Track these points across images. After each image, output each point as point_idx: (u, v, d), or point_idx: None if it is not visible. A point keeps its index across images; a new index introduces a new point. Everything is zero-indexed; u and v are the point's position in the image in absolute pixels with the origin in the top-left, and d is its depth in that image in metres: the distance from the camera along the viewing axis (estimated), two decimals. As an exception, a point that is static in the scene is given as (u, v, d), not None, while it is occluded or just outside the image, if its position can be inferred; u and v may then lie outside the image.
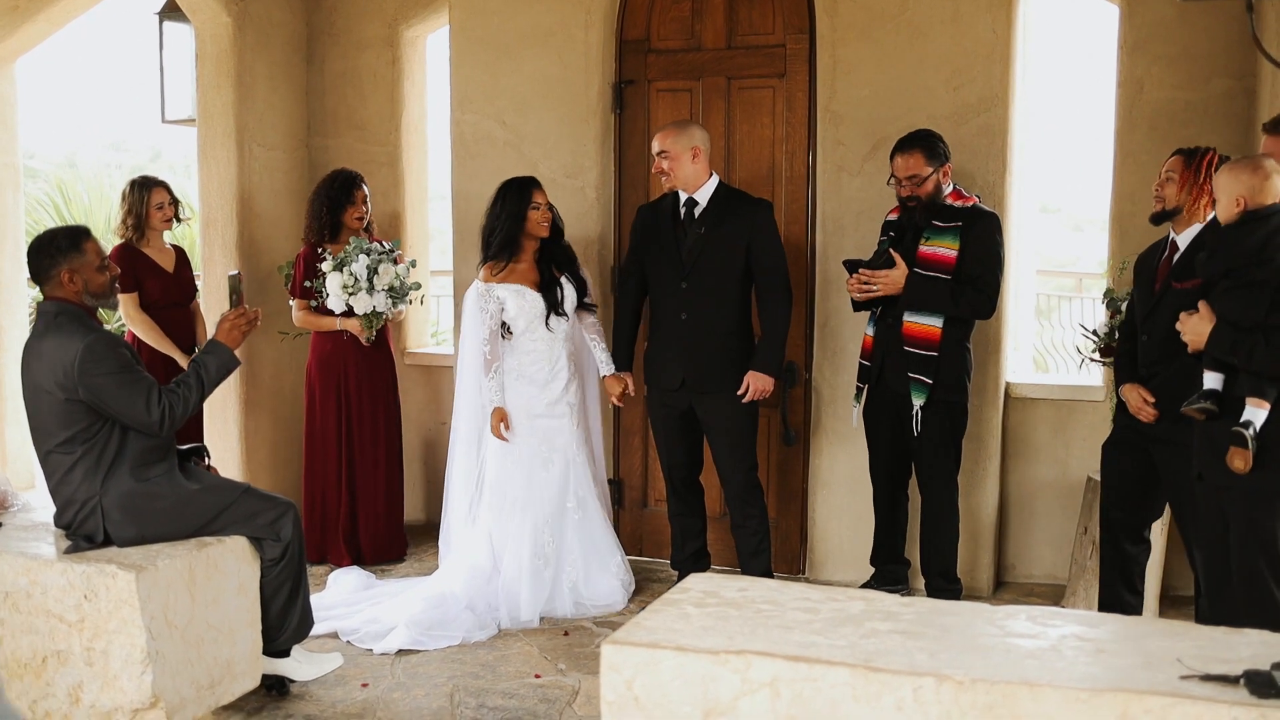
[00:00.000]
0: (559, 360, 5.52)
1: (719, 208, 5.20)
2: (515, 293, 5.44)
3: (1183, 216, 4.40)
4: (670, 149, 5.15)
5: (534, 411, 5.51)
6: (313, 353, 6.20)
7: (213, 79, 6.59)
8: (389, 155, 6.96)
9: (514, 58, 6.13)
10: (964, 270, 5.01)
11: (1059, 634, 3.01)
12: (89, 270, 4.13)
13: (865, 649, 2.92)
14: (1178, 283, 4.32)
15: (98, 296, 4.17)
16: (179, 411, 4.10)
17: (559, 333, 5.51)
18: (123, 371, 4.03)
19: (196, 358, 4.28)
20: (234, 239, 6.62)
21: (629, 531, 6.10)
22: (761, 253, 5.16)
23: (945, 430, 5.15)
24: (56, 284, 4.12)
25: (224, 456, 6.62)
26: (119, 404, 4.02)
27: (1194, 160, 4.38)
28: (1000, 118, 5.45)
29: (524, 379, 5.51)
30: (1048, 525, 5.77)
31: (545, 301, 5.45)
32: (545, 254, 5.51)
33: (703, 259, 5.18)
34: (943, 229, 5.05)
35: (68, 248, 4.12)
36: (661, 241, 5.26)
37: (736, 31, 5.83)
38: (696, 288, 5.19)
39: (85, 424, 4.05)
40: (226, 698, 4.17)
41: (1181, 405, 4.03)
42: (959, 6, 5.45)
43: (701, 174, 5.22)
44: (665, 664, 2.95)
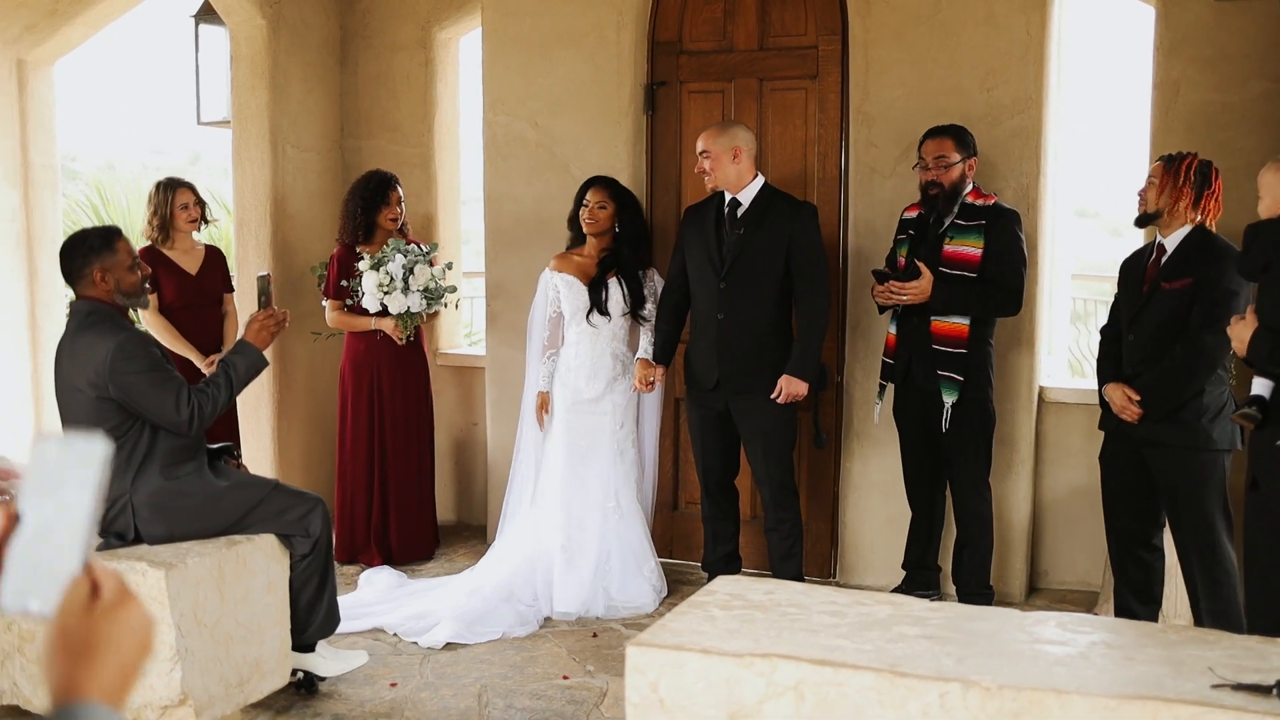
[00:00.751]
0: (601, 358, 5.60)
1: (761, 209, 5.17)
2: (567, 283, 5.62)
3: (1166, 220, 4.48)
4: (711, 149, 5.14)
5: (572, 405, 5.60)
6: (346, 353, 6.22)
7: (247, 81, 6.63)
8: (422, 157, 6.98)
9: (546, 59, 6.14)
10: (987, 269, 5.00)
11: (1088, 641, 2.98)
12: (121, 269, 4.16)
13: (892, 653, 2.89)
14: (1167, 283, 4.43)
15: (129, 295, 4.21)
16: (208, 411, 4.13)
17: (602, 330, 5.60)
18: (153, 370, 4.06)
19: (225, 358, 4.31)
20: (268, 240, 6.66)
21: (659, 534, 6.09)
22: (801, 255, 5.12)
23: (975, 428, 5.13)
24: (89, 283, 4.14)
25: (257, 456, 6.67)
26: (148, 402, 4.06)
27: (1174, 165, 4.47)
28: (1034, 119, 5.40)
29: (564, 371, 5.64)
30: (1081, 531, 5.72)
31: (589, 297, 5.57)
32: (612, 254, 5.62)
33: (741, 260, 5.15)
34: (967, 228, 5.04)
35: (100, 247, 4.15)
36: (703, 241, 5.25)
37: (769, 33, 5.82)
38: (734, 288, 5.17)
39: (116, 422, 4.08)
40: (255, 696, 4.19)
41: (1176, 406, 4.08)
42: (993, 7, 5.41)
43: (745, 175, 5.19)
44: (690, 666, 2.94)
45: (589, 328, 5.60)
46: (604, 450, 5.61)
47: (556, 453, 5.63)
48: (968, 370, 5.05)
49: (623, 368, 5.65)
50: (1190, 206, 4.42)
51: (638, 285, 5.63)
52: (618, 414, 5.63)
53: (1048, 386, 5.74)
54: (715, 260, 5.20)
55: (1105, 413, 4.67)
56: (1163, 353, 4.44)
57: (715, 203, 5.29)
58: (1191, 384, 4.40)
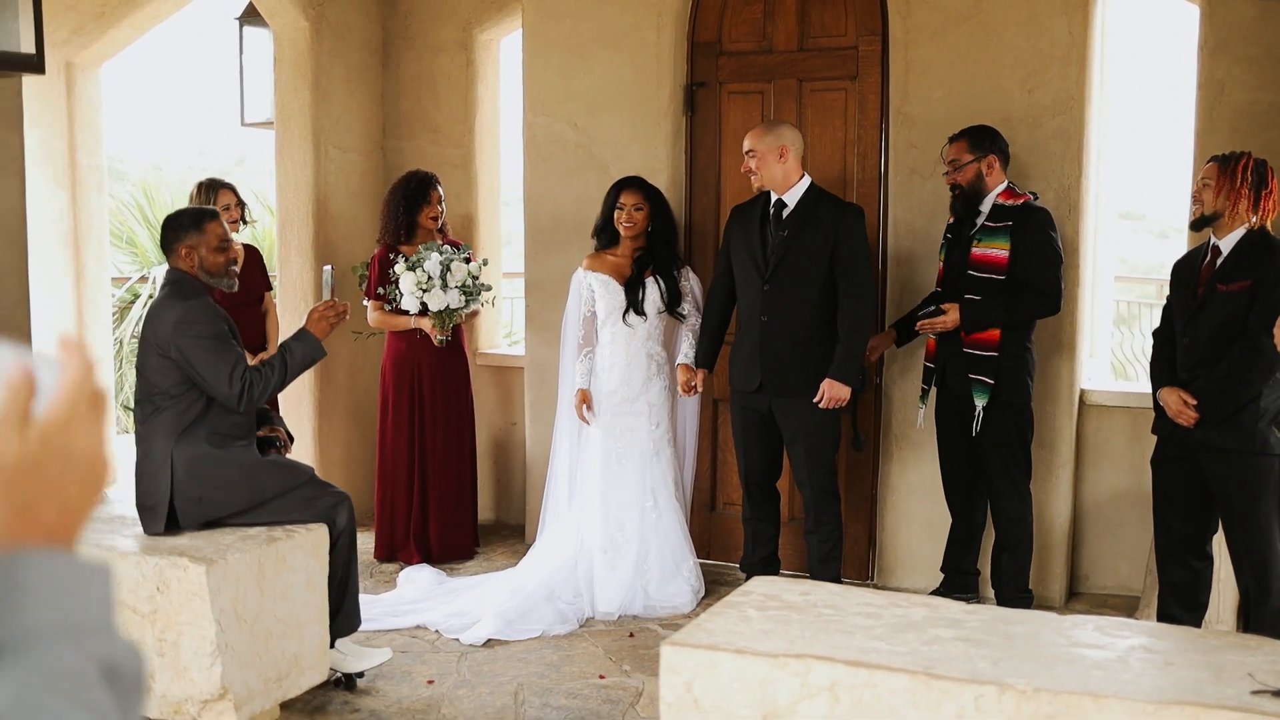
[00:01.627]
0: (636, 358, 5.61)
1: (806, 210, 5.13)
2: (602, 283, 5.63)
3: (1223, 221, 4.40)
4: (757, 148, 5.11)
5: (607, 405, 5.62)
6: (388, 353, 6.26)
7: (290, 82, 6.70)
8: (462, 157, 7.02)
9: (586, 60, 6.15)
10: (1017, 270, 4.97)
11: (1127, 645, 2.96)
12: (206, 249, 4.36)
13: (927, 655, 2.89)
14: (1223, 285, 4.36)
15: (212, 275, 4.40)
16: (258, 390, 4.25)
17: (638, 330, 5.61)
18: (214, 339, 4.22)
19: (285, 343, 4.45)
20: (310, 240, 6.72)
21: (698, 534, 6.08)
22: (846, 258, 5.07)
23: (1010, 433, 5.10)
24: (177, 256, 4.38)
25: (298, 454, 6.67)
26: (203, 369, 4.20)
27: (1229, 165, 4.39)
28: (1076, 120, 5.36)
29: (599, 371, 5.66)
30: (1123, 536, 5.67)
31: (625, 297, 5.59)
32: (647, 253, 5.64)
33: (785, 261, 5.12)
34: (994, 229, 5.02)
35: (190, 225, 4.38)
36: (748, 242, 5.22)
37: (809, 34, 5.80)
38: (778, 290, 5.13)
39: (175, 382, 4.25)
40: (293, 691, 4.23)
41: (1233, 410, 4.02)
42: (1034, 7, 5.37)
43: (791, 175, 5.15)
44: (724, 666, 2.95)
45: (624, 327, 5.61)
46: (640, 450, 5.62)
47: (593, 453, 5.65)
48: (999, 373, 5.01)
49: (658, 367, 5.66)
50: (1250, 208, 4.34)
51: (674, 283, 5.63)
52: (654, 413, 5.64)
53: (1089, 389, 5.70)
54: (759, 262, 5.17)
55: (1159, 417, 4.59)
56: (1219, 356, 4.35)
57: (761, 203, 5.26)
58: (1249, 387, 4.33)
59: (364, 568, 6.10)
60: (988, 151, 5.06)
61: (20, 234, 5.18)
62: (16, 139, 5.13)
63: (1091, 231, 5.74)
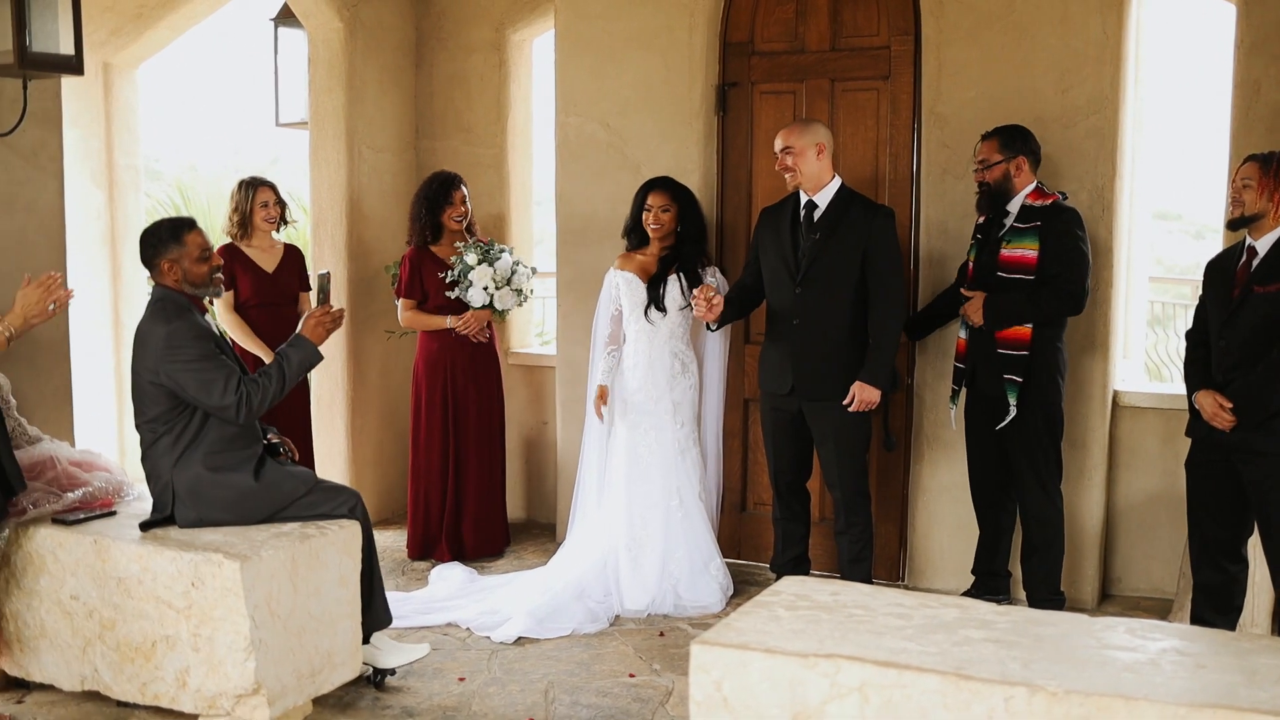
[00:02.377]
0: (660, 354, 5.64)
1: (837, 212, 5.12)
2: (628, 280, 5.69)
3: (1264, 222, 4.36)
4: (795, 144, 5.10)
5: (630, 401, 5.66)
6: (420, 352, 6.29)
7: (324, 83, 6.74)
8: (494, 158, 7.05)
9: (618, 61, 6.17)
10: (1045, 270, 4.96)
11: (1158, 647, 2.95)
12: (188, 261, 4.35)
13: (957, 656, 2.88)
14: (1260, 286, 4.30)
15: (197, 286, 4.39)
16: (256, 400, 4.25)
17: (660, 327, 5.64)
18: (201, 360, 4.21)
19: (281, 350, 4.43)
20: (343, 239, 6.76)
21: (728, 534, 6.09)
22: (877, 260, 5.06)
23: (1041, 432, 5.08)
24: (160, 272, 4.38)
25: (330, 453, 6.77)
26: (196, 391, 4.22)
27: (1271, 165, 4.35)
28: (1110, 120, 5.33)
29: (623, 368, 5.71)
30: (1156, 538, 5.63)
31: (647, 293, 5.63)
32: (673, 252, 5.69)
33: (817, 264, 5.11)
34: (1023, 230, 5.02)
35: (168, 239, 4.37)
36: (778, 244, 5.22)
37: (841, 33, 5.79)
38: (810, 293, 5.13)
39: (166, 407, 4.28)
40: (326, 687, 4.26)
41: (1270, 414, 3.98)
42: (1068, 7, 5.34)
43: (824, 174, 5.15)
44: (754, 666, 2.95)
45: (647, 325, 5.64)
46: (665, 448, 5.63)
47: (619, 451, 5.67)
48: (1030, 372, 5.01)
49: (682, 366, 5.68)
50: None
51: (697, 281, 5.60)
52: (679, 412, 5.65)
53: (1122, 391, 5.66)
54: (791, 265, 5.17)
55: (1194, 419, 4.55)
56: (1256, 358, 4.30)
57: (791, 205, 5.25)
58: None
59: (397, 565, 6.16)
60: (1018, 153, 5.05)
61: (59, 233, 5.23)
62: (55, 139, 5.19)
63: (1125, 232, 5.71)
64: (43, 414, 4.99)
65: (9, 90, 4.93)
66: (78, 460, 4.71)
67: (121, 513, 4.47)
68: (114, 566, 4.14)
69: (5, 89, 4.93)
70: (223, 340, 4.45)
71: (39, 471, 4.54)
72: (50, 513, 4.40)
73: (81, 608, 4.22)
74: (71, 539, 4.24)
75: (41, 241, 5.14)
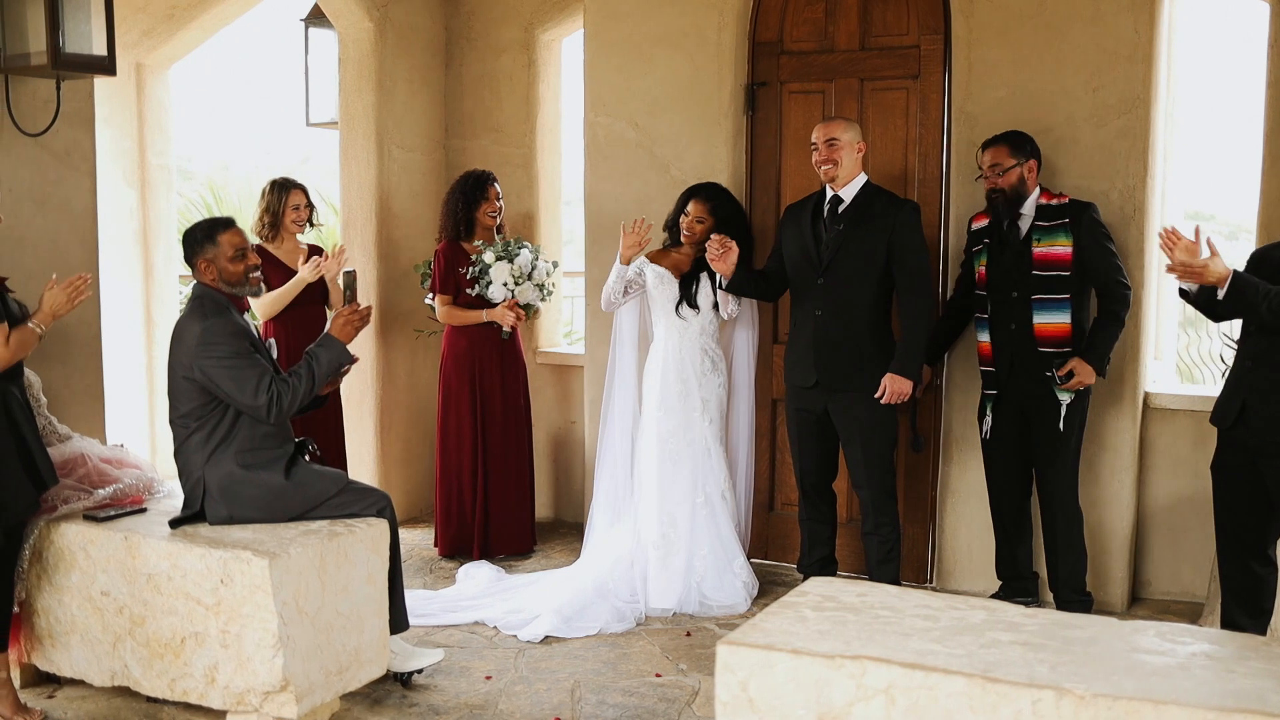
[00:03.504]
0: (690, 351, 5.64)
1: (862, 206, 5.14)
2: (658, 275, 5.70)
3: None
4: (841, 137, 5.13)
5: (660, 398, 5.64)
6: (448, 350, 6.31)
7: (354, 83, 6.77)
8: (523, 157, 7.06)
9: (646, 60, 6.17)
10: (1084, 265, 5.01)
11: (1188, 651, 2.92)
12: (222, 260, 4.40)
13: (984, 659, 2.87)
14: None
15: (232, 285, 4.44)
16: (287, 400, 4.29)
17: (691, 324, 5.64)
18: (234, 357, 4.25)
19: (310, 350, 4.45)
20: (373, 239, 6.79)
21: (756, 534, 6.08)
22: (903, 253, 5.08)
23: (1075, 429, 5.11)
24: (198, 271, 4.44)
25: (360, 451, 6.80)
26: (229, 388, 4.25)
27: None
28: (1141, 120, 5.29)
29: (653, 365, 5.69)
30: (1187, 541, 5.58)
31: (679, 290, 5.66)
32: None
33: (840, 257, 5.13)
34: (1051, 228, 5.05)
35: (204, 238, 4.43)
36: (802, 238, 5.24)
37: (870, 33, 5.78)
38: (833, 286, 5.14)
39: (199, 403, 4.31)
40: (353, 684, 4.27)
41: None
42: (1100, 6, 5.31)
43: (856, 170, 5.19)
44: (780, 667, 2.94)
45: (678, 321, 5.65)
46: (693, 446, 5.62)
47: (648, 449, 5.66)
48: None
49: (712, 363, 5.68)
50: None
51: None
52: (708, 409, 5.64)
53: (1153, 392, 5.62)
54: (813, 256, 5.18)
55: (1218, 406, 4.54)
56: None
57: (814, 199, 5.29)
58: None
59: (425, 563, 6.18)
60: (1029, 156, 5.10)
61: (91, 233, 5.28)
62: (88, 139, 5.23)
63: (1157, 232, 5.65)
64: (74, 412, 5.03)
65: (43, 91, 4.98)
66: (108, 457, 4.75)
67: (152, 510, 4.50)
68: (144, 563, 4.17)
69: (39, 90, 4.97)
70: (259, 340, 4.48)
71: (70, 468, 4.57)
72: (81, 509, 4.44)
73: (112, 604, 4.25)
74: (102, 535, 4.27)
75: (74, 240, 5.18)
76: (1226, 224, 20.10)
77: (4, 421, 4.07)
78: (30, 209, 4.97)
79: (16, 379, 4.21)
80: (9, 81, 4.85)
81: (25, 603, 4.41)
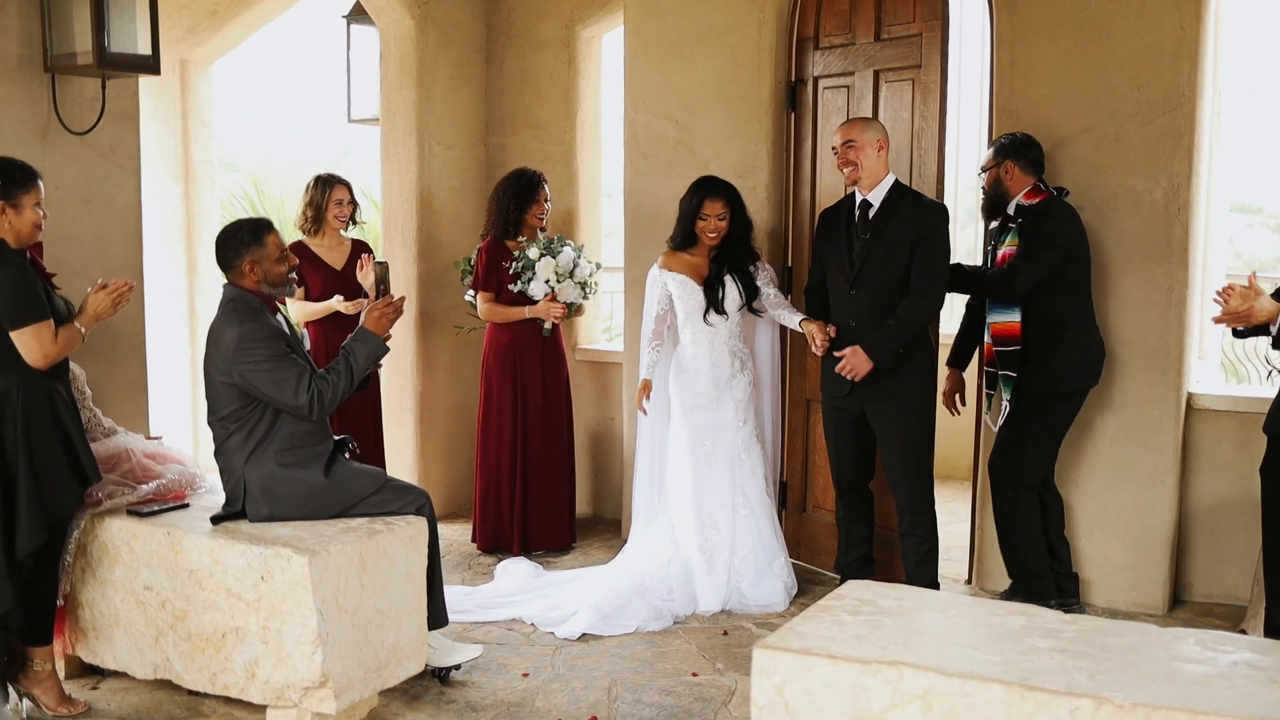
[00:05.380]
0: (720, 355, 5.59)
1: (890, 210, 5.09)
2: (679, 283, 5.60)
3: None
4: (858, 139, 5.07)
5: (692, 403, 5.60)
6: (489, 346, 6.33)
7: (396, 80, 6.80)
8: (563, 153, 7.07)
9: (687, 58, 6.15)
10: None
11: (1229, 660, 2.90)
12: (269, 261, 4.40)
13: (1023, 666, 2.86)
14: None
15: (276, 286, 4.45)
16: (328, 397, 4.32)
17: (720, 328, 5.58)
18: (272, 360, 4.27)
19: (346, 344, 4.47)
20: (413, 235, 6.82)
21: (790, 534, 6.07)
22: (922, 254, 5.03)
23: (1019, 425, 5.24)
24: (239, 273, 4.41)
25: (399, 446, 6.84)
26: (269, 390, 4.28)
27: None
28: (1187, 117, 5.22)
29: (682, 371, 5.63)
30: (1230, 543, 5.53)
31: (705, 297, 5.56)
32: (722, 251, 5.59)
33: (869, 265, 5.10)
34: (1012, 229, 5.18)
35: (250, 240, 4.41)
36: (835, 246, 5.21)
37: (883, 23, 5.60)
38: (864, 293, 5.12)
39: (238, 405, 4.34)
40: (392, 680, 4.30)
41: None
42: (1145, 2, 5.24)
43: (881, 170, 5.12)
44: (816, 671, 2.95)
45: (706, 327, 5.58)
46: (728, 447, 5.59)
47: (681, 454, 5.63)
48: (1024, 366, 5.12)
49: (741, 364, 5.63)
50: None
51: (750, 279, 5.58)
52: (740, 410, 5.60)
53: (1197, 393, 5.56)
54: (845, 267, 5.16)
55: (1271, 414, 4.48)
56: None
57: (847, 206, 5.25)
58: None
59: (463, 559, 6.21)
60: (1006, 157, 5.17)
61: (136, 230, 5.34)
62: (133, 137, 5.29)
63: (1203, 228, 5.60)
64: (119, 406, 5.09)
65: (88, 90, 5.04)
66: (151, 452, 4.80)
67: (194, 505, 4.55)
68: (186, 559, 4.22)
69: (84, 88, 5.03)
70: (294, 339, 4.50)
71: (115, 463, 4.63)
72: (125, 504, 4.49)
73: (154, 598, 4.30)
74: (145, 531, 4.32)
75: (119, 237, 5.24)
76: (1274, 217, 19.83)
77: (49, 419, 4.13)
78: (76, 206, 5.03)
79: (62, 375, 4.26)
80: (55, 81, 4.91)
81: (70, 596, 4.48)
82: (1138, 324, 5.36)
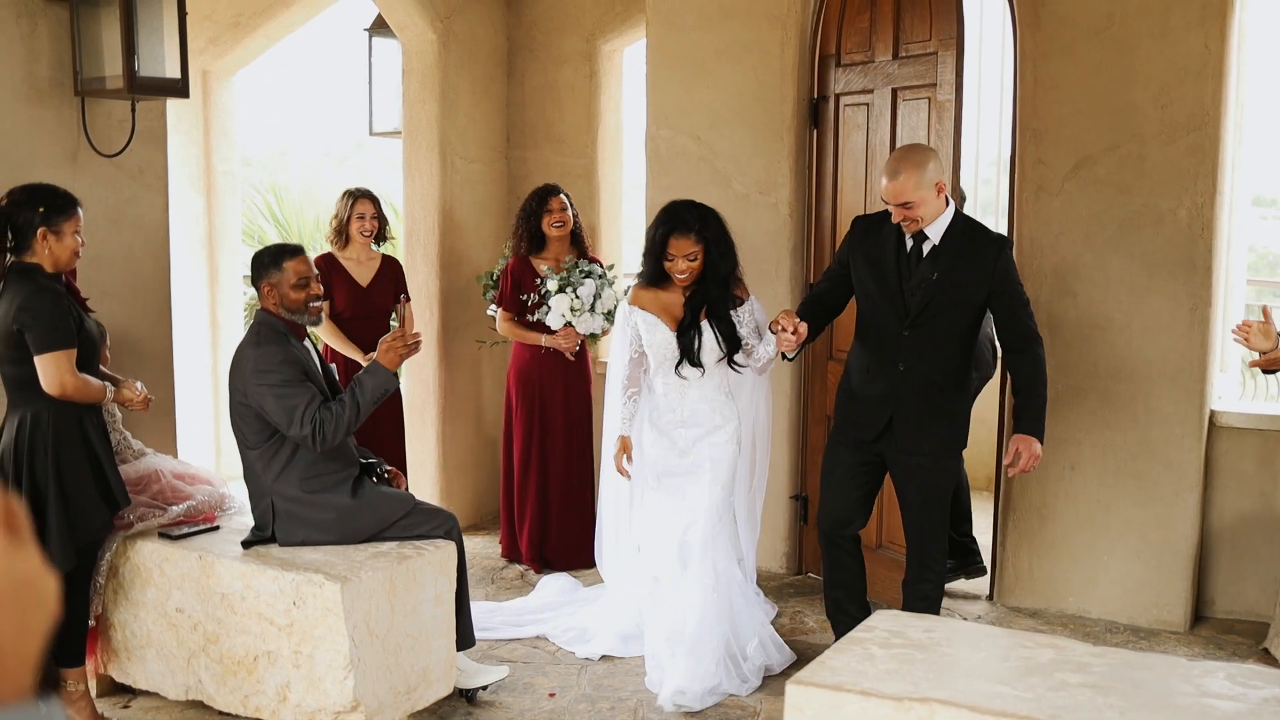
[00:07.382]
0: (694, 411, 4.88)
1: (954, 246, 4.39)
2: (650, 325, 4.86)
3: None
4: (914, 197, 4.28)
5: (664, 468, 4.92)
6: (514, 362, 6.35)
7: (418, 93, 6.83)
8: (585, 168, 7.09)
9: (709, 74, 6.17)
10: None
11: (1260, 696, 2.91)
12: (284, 287, 4.43)
13: (1053, 702, 2.87)
14: None
15: (292, 312, 4.46)
16: (330, 428, 4.28)
17: (693, 381, 4.85)
18: (283, 385, 4.28)
19: (356, 377, 4.45)
20: (435, 249, 6.85)
21: (811, 550, 6.09)
22: (1008, 300, 4.41)
23: None
24: (261, 295, 4.50)
25: (422, 460, 6.87)
26: (274, 414, 4.30)
27: None
28: (1211, 137, 5.23)
29: (653, 426, 4.95)
30: (1252, 560, 5.54)
31: (679, 345, 4.83)
32: (700, 293, 4.81)
33: (932, 307, 4.40)
34: None
35: (270, 263, 4.47)
36: (880, 275, 4.48)
37: (901, 40, 5.56)
38: (921, 338, 4.44)
39: (259, 427, 4.37)
40: (421, 703, 4.34)
41: None
42: (1169, 21, 5.25)
43: (940, 208, 4.39)
44: (848, 708, 2.96)
45: (676, 379, 4.85)
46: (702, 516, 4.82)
47: (652, 529, 4.94)
48: None
49: (722, 419, 4.88)
50: None
51: (730, 329, 4.80)
52: (718, 471, 4.84)
53: (1219, 411, 5.56)
54: (899, 305, 4.45)
55: None
56: None
57: (893, 232, 4.48)
58: None
59: (487, 573, 6.25)
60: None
61: (163, 248, 5.37)
62: (160, 157, 5.32)
63: (1224, 247, 5.60)
64: (147, 427, 5.13)
65: (117, 111, 5.08)
66: (181, 473, 4.84)
67: (224, 527, 4.59)
68: (218, 582, 4.26)
69: (114, 110, 5.07)
70: (315, 367, 4.48)
71: (144, 485, 4.67)
72: (156, 526, 4.53)
73: (186, 620, 4.35)
74: (177, 554, 4.37)
75: (146, 256, 5.28)
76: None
77: (79, 444, 4.18)
78: (106, 228, 5.07)
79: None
80: (85, 104, 4.95)
81: (102, 616, 4.52)
82: (1160, 343, 5.37)
